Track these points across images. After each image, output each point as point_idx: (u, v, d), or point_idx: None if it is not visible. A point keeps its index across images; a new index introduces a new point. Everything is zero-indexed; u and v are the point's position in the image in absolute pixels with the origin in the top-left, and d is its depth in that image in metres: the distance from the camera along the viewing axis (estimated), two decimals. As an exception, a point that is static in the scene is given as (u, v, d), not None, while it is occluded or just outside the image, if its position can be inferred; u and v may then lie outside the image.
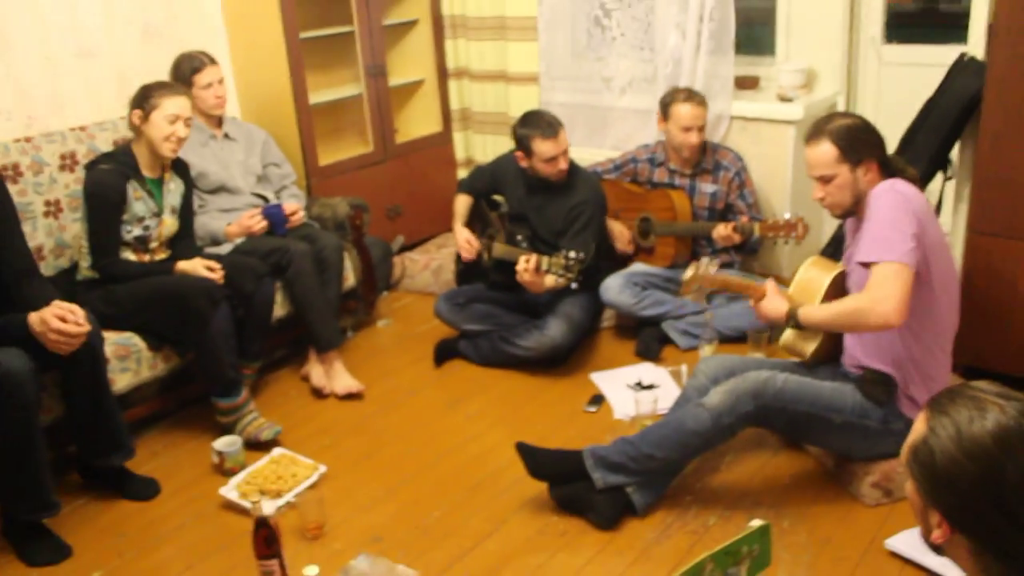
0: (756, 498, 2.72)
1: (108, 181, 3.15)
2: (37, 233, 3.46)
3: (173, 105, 3.16)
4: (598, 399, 3.36)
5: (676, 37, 4.09)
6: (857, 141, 2.52)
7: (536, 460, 2.71)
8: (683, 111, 3.68)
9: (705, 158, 3.79)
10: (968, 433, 1.27)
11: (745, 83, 4.19)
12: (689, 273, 2.85)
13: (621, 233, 3.92)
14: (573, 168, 3.61)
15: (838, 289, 2.69)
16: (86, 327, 2.66)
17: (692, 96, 3.71)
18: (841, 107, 4.06)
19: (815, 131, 2.57)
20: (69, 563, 2.70)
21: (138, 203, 3.21)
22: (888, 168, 2.57)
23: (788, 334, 2.74)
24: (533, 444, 2.75)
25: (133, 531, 2.83)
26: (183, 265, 3.25)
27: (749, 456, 2.92)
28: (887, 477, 2.61)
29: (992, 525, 1.27)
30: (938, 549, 1.38)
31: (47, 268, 3.44)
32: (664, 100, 3.77)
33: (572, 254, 3.19)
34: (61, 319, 2.61)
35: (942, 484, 1.30)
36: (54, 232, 3.53)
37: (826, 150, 2.53)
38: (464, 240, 3.80)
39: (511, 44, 4.65)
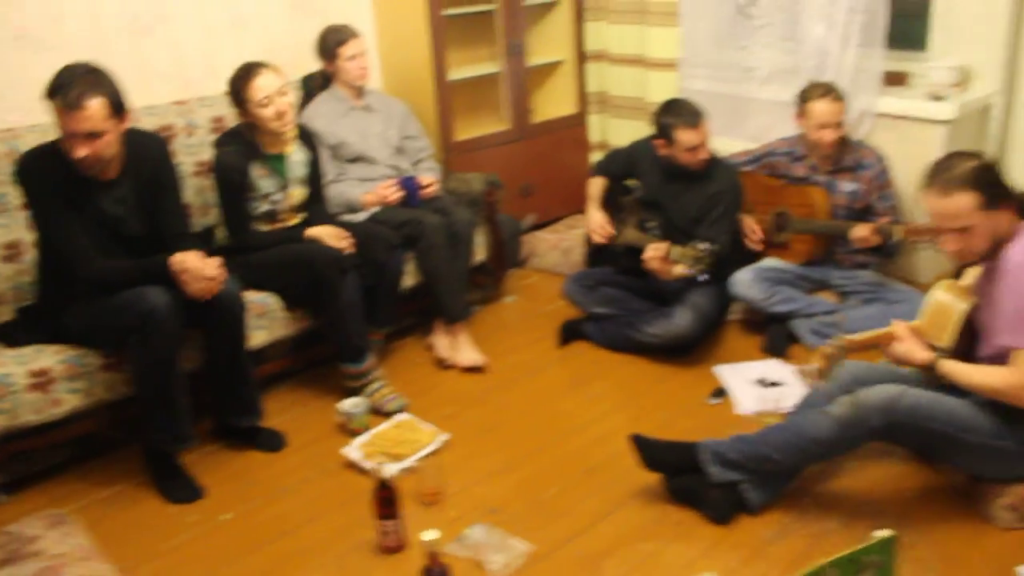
0: (879, 507, 2.65)
1: (231, 163, 3.27)
2: (187, 192, 3.62)
3: (257, 91, 3.20)
4: (721, 392, 3.32)
5: (823, 28, 3.97)
6: (994, 184, 2.31)
7: (650, 452, 2.70)
8: (818, 108, 3.56)
9: (846, 156, 3.68)
10: None
11: (893, 79, 4.05)
12: (814, 366, 2.57)
13: (752, 229, 3.84)
14: (712, 158, 3.57)
15: (969, 323, 2.55)
16: (220, 274, 2.81)
17: (828, 92, 3.57)
18: (998, 108, 3.88)
19: (943, 179, 2.33)
20: (202, 502, 2.87)
21: (263, 180, 3.32)
22: (1020, 204, 2.38)
23: None
24: (649, 434, 2.74)
25: (261, 480, 2.97)
26: (312, 231, 3.36)
27: (874, 463, 2.84)
28: (1023, 500, 2.51)
29: None
30: None
31: (192, 225, 3.61)
32: (800, 97, 3.65)
33: (703, 245, 3.16)
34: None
35: None
36: (202, 191, 3.69)
37: (965, 200, 2.29)
38: (598, 224, 3.80)
39: (652, 29, 4.60)
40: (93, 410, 2.96)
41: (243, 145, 3.30)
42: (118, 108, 2.71)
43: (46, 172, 2.75)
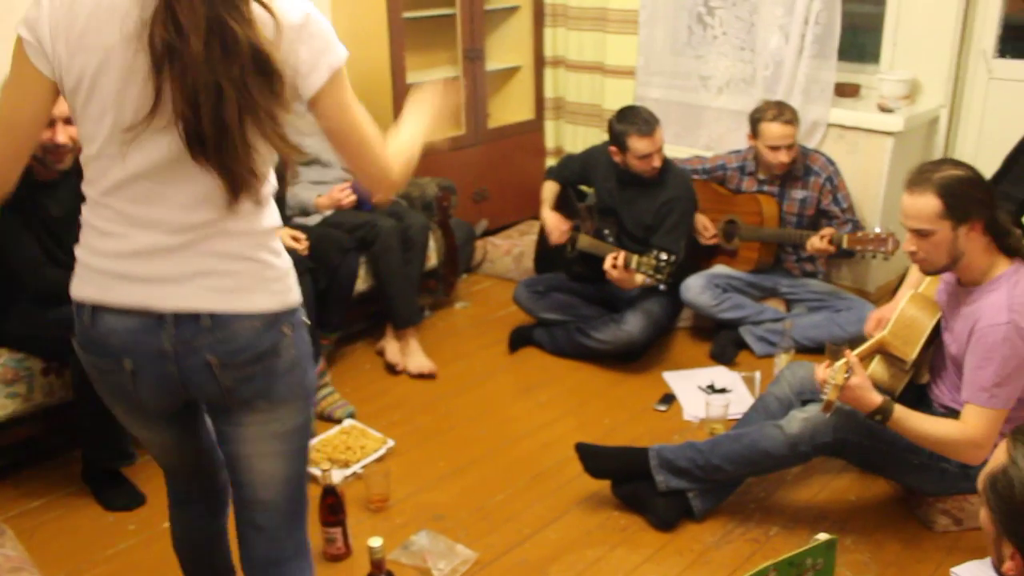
0: (821, 512, 2.69)
1: None
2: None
3: None
4: (669, 398, 3.34)
5: (779, 39, 4.02)
6: (966, 198, 2.27)
7: (596, 460, 2.71)
8: (771, 130, 3.56)
9: (796, 166, 3.71)
10: None
11: (845, 90, 4.10)
12: (822, 397, 2.35)
13: (705, 227, 3.87)
14: (666, 164, 3.59)
15: (935, 339, 2.57)
16: None
17: (781, 114, 3.55)
18: (944, 121, 3.95)
19: (920, 179, 2.30)
20: (143, 510, 2.82)
21: None
22: (994, 229, 2.33)
23: (876, 370, 2.63)
24: (596, 441, 2.76)
25: (205, 486, 2.92)
26: None
27: (817, 469, 2.87)
28: (958, 506, 2.54)
29: None
30: None
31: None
32: (753, 116, 3.65)
33: (664, 256, 3.17)
34: None
35: (1020, 515, 1.27)
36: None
37: (929, 203, 2.27)
38: (554, 225, 3.79)
39: (610, 36, 4.62)
40: (31, 415, 2.89)
41: None
42: None
43: None
